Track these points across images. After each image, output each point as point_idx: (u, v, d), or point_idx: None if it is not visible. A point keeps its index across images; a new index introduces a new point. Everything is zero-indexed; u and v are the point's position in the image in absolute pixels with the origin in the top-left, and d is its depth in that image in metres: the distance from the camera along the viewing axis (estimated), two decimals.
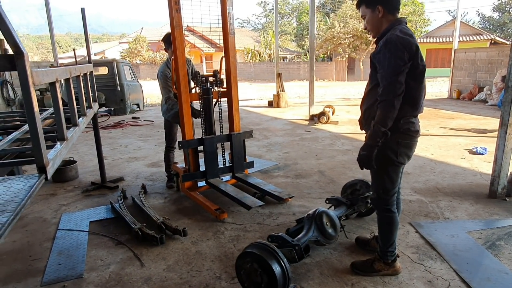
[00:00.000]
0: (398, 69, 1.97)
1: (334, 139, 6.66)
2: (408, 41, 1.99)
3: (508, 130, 3.39)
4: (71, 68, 2.81)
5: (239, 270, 2.17)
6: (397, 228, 2.33)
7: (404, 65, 1.98)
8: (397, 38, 1.99)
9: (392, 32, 2.04)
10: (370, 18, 2.19)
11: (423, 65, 2.07)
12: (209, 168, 3.80)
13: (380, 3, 2.12)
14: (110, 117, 10.08)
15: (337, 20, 26.87)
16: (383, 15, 2.14)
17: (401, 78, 1.98)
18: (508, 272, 2.37)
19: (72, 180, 4.65)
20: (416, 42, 2.03)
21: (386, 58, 2.00)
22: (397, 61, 1.97)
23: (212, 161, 3.81)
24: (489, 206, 3.43)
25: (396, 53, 1.97)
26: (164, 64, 4.01)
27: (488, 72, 11.72)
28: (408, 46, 1.98)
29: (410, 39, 2.00)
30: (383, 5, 2.12)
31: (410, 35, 2.03)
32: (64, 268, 2.58)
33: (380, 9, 2.13)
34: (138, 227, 2.98)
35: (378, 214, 2.38)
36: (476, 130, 7.06)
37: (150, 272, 2.52)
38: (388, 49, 2.00)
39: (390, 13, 2.14)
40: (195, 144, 3.77)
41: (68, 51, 52.81)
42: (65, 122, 2.37)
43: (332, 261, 2.57)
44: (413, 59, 2.01)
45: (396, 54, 1.97)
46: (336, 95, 15.72)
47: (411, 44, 1.99)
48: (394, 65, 1.98)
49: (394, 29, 2.06)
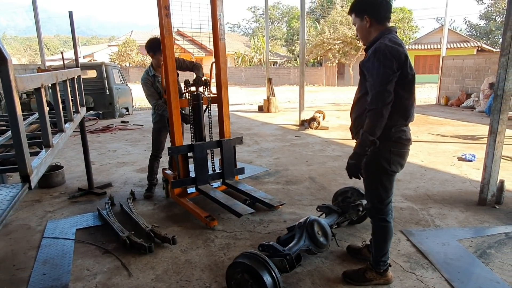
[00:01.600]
0: (386, 78, 1.96)
1: (324, 145, 6.66)
2: (397, 50, 1.98)
3: (497, 138, 3.42)
4: (57, 72, 2.74)
5: (230, 280, 2.13)
6: (391, 238, 2.32)
7: (393, 74, 1.97)
8: (386, 47, 1.98)
9: (381, 41, 2.03)
10: (359, 27, 2.20)
11: (413, 74, 2.06)
12: (199, 175, 3.75)
13: (367, 14, 2.12)
14: (98, 121, 9.95)
15: (327, 26, 27.10)
16: (370, 25, 2.13)
17: (389, 87, 1.97)
18: (500, 281, 2.37)
19: (59, 186, 4.55)
20: (405, 51, 2.02)
21: (375, 67, 1.99)
22: (386, 70, 1.96)
23: (202, 168, 3.76)
24: (479, 213, 3.45)
25: (385, 62, 1.96)
26: (145, 71, 3.98)
27: (476, 79, 11.91)
28: (396, 55, 1.97)
29: (399, 48, 1.99)
30: (370, 16, 2.12)
31: (399, 44, 2.02)
32: (49, 278, 2.50)
33: (368, 19, 2.12)
34: (126, 235, 2.91)
35: (372, 224, 2.35)
36: (465, 136, 7.14)
37: (138, 282, 2.46)
38: (377, 58, 1.98)
39: (379, 23, 2.13)
40: (185, 150, 3.72)
41: (57, 54, 52.10)
42: (50, 128, 2.30)
43: (324, 270, 2.54)
44: (402, 68, 2.00)
45: (385, 63, 1.96)
46: (326, 100, 15.80)
47: (400, 53, 1.98)
48: (383, 74, 1.96)
49: (383, 38, 2.05)
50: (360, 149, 2.06)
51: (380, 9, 2.10)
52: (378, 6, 2.10)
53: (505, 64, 3.23)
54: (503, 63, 3.24)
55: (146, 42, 3.93)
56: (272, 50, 36.28)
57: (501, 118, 3.36)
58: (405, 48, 2.05)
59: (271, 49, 34.92)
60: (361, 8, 2.15)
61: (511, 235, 3.00)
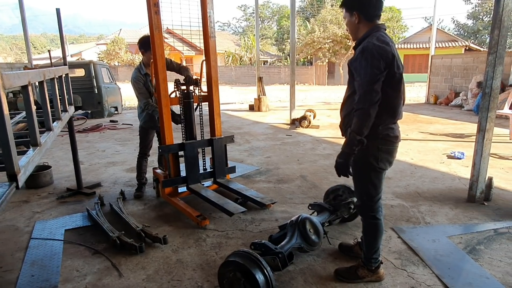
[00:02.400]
0: (374, 77, 1.95)
1: (315, 143, 6.68)
2: (384, 49, 1.97)
3: (486, 136, 3.47)
4: (45, 70, 2.69)
5: (222, 279, 2.11)
6: (382, 235, 2.32)
7: (380, 74, 1.96)
8: (374, 47, 1.97)
9: (369, 40, 2.02)
10: (348, 22, 2.19)
11: (400, 73, 2.05)
12: (190, 174, 3.72)
13: (357, 10, 2.11)
14: (87, 120, 9.82)
15: (317, 25, 27.19)
16: (359, 21, 2.12)
17: (377, 87, 1.96)
18: (489, 276, 2.40)
19: (47, 186, 4.47)
20: (392, 50, 2.00)
21: (363, 66, 1.98)
22: (373, 70, 1.95)
23: (193, 167, 3.73)
24: (468, 210, 3.49)
25: (372, 61, 1.95)
26: (136, 69, 3.89)
27: (464, 78, 12.06)
28: (384, 55, 1.96)
29: (387, 48, 1.98)
30: (359, 12, 2.10)
31: (387, 43, 2.01)
32: (37, 279, 2.45)
33: (357, 15, 2.11)
34: (116, 235, 2.88)
35: (363, 221, 2.36)
36: (454, 134, 7.22)
37: (128, 282, 2.42)
38: (364, 57, 1.98)
39: (368, 20, 2.11)
40: (176, 149, 3.69)
41: (43, 52, 51.34)
42: (38, 127, 2.26)
43: (316, 268, 2.54)
44: (389, 68, 1.99)
45: (373, 63, 1.95)
46: (317, 99, 15.85)
47: (387, 53, 1.97)
48: (371, 73, 1.95)
49: (371, 36, 2.04)
50: (348, 148, 2.06)
51: (369, 6, 2.09)
52: (368, 3, 2.09)
53: (493, 62, 3.27)
54: (491, 61, 3.28)
55: (139, 39, 3.88)
56: (263, 49, 36.26)
57: (489, 116, 3.40)
58: (393, 46, 2.04)
59: (261, 48, 34.91)
60: (351, 4, 2.14)
61: (499, 231, 3.04)
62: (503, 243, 2.83)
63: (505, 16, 3.17)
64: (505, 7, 3.15)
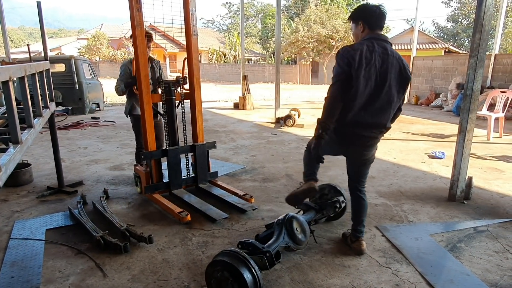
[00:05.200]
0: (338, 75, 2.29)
1: (300, 142, 6.72)
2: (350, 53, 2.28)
3: (466, 136, 3.56)
4: (26, 65, 2.61)
5: (209, 279, 2.10)
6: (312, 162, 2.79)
7: (343, 72, 2.27)
8: (343, 51, 2.32)
9: None
10: (354, 31, 2.52)
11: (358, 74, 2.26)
12: (173, 179, 3.74)
13: (362, 20, 2.43)
14: (67, 117, 9.60)
15: (301, 24, 27.33)
16: (363, 30, 2.43)
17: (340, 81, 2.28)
18: (470, 273, 2.46)
19: (26, 185, 4.35)
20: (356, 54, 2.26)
21: (335, 66, 2.35)
22: (338, 68, 2.30)
23: (176, 172, 3.75)
24: (449, 209, 3.58)
25: (339, 61, 2.31)
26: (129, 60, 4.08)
27: (444, 79, 12.34)
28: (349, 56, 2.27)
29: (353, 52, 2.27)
30: (363, 21, 2.42)
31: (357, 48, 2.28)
32: (17, 281, 2.38)
33: (362, 24, 2.43)
34: (100, 235, 2.82)
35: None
36: (434, 135, 7.39)
37: (113, 283, 2.38)
38: (336, 59, 2.35)
39: (370, 29, 2.41)
40: (158, 156, 3.70)
41: (21, 46, 49.83)
42: (19, 124, 2.19)
43: (303, 267, 2.56)
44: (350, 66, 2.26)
45: (339, 62, 2.31)
46: (301, 98, 15.94)
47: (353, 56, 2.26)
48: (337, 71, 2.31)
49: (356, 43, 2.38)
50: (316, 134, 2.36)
51: (373, 17, 2.40)
52: (372, 14, 2.40)
53: (474, 65, 3.36)
54: (472, 64, 3.37)
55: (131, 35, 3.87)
56: (247, 47, 36.25)
57: (470, 117, 3.49)
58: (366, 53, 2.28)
59: (246, 46, 34.87)
60: (357, 15, 2.46)
61: (479, 229, 3.13)
62: (482, 241, 2.92)
63: (486, 20, 3.26)
64: (486, 11, 3.24)
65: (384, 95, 2.35)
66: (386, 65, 2.31)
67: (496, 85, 10.15)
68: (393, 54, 2.37)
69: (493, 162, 5.29)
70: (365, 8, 2.44)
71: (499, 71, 10.32)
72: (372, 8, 2.40)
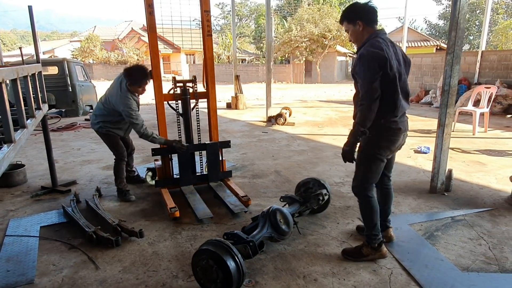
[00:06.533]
0: (372, 78, 2.27)
1: (290, 140, 6.85)
2: (377, 54, 2.28)
3: (445, 130, 3.70)
4: (18, 68, 2.72)
5: (195, 267, 2.22)
6: (377, 211, 2.57)
7: (377, 74, 2.27)
8: (368, 53, 2.30)
9: (365, 47, 2.35)
10: (353, 32, 2.50)
11: (393, 73, 2.34)
12: (182, 176, 3.89)
13: (360, 19, 2.43)
14: (61, 119, 9.66)
15: (294, 24, 27.48)
16: (363, 28, 2.44)
17: (375, 85, 2.28)
18: (444, 259, 2.60)
19: (20, 185, 4.44)
20: (385, 54, 2.29)
21: (362, 70, 2.31)
22: (371, 72, 2.28)
23: (184, 170, 3.88)
24: (430, 200, 3.72)
25: (369, 65, 2.28)
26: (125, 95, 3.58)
27: (433, 76, 12.54)
28: (377, 58, 2.28)
29: (380, 52, 2.29)
30: (362, 20, 2.43)
31: (381, 48, 2.30)
32: (13, 274, 2.49)
33: (360, 23, 2.44)
34: (92, 230, 2.93)
35: (359, 202, 2.63)
36: (422, 130, 7.55)
37: (105, 274, 2.50)
38: (362, 63, 2.31)
39: (369, 25, 2.44)
40: (166, 153, 3.86)
41: (14, 49, 49.63)
42: (12, 124, 2.30)
43: (286, 256, 2.69)
44: (383, 69, 2.29)
45: (369, 66, 2.28)
46: (294, 97, 16.08)
47: (379, 56, 2.28)
48: (369, 75, 2.28)
49: (368, 43, 2.37)
50: (352, 138, 2.38)
51: (369, 14, 2.44)
52: (367, 11, 2.44)
53: (451, 62, 3.51)
54: (449, 60, 3.52)
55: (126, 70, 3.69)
56: (240, 47, 36.37)
57: (448, 112, 3.64)
58: (387, 50, 2.32)
59: (239, 46, 35.01)
60: (353, 15, 2.47)
61: (456, 218, 3.28)
62: (458, 229, 3.06)
63: (461, 19, 3.41)
64: (461, 10, 3.39)
65: (403, 83, 2.47)
66: (398, 56, 2.45)
67: (483, 81, 10.35)
68: (395, 44, 2.53)
69: (477, 155, 5.46)
70: (359, 7, 2.48)
71: (486, 68, 10.52)
72: (365, 6, 2.48)
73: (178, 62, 36.48)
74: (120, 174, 3.92)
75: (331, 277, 2.42)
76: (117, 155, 3.91)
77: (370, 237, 2.59)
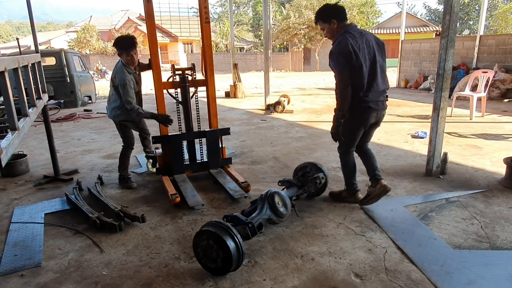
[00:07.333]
0: (341, 70, 2.77)
1: (289, 127, 6.91)
2: (343, 49, 2.74)
3: (440, 114, 3.76)
4: (19, 57, 2.76)
5: (196, 248, 2.30)
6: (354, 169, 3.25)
7: (344, 66, 2.75)
8: (336, 50, 2.78)
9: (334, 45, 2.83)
10: (329, 29, 2.92)
11: (359, 63, 2.78)
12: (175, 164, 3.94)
13: (334, 17, 2.86)
14: (60, 110, 9.70)
15: (292, 11, 27.26)
16: (337, 25, 2.88)
17: (345, 75, 2.77)
18: (437, 238, 2.69)
19: (23, 174, 4.52)
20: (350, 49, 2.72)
21: (333, 65, 2.81)
22: (339, 65, 2.77)
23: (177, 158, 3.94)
24: (425, 183, 3.80)
25: (338, 60, 2.77)
26: (121, 69, 3.66)
27: (432, 62, 12.52)
28: (343, 53, 2.74)
29: (345, 48, 2.73)
30: (336, 18, 2.87)
31: (346, 44, 2.74)
32: (20, 258, 2.58)
33: (334, 21, 2.87)
34: (95, 216, 3.02)
35: (341, 161, 3.28)
36: (419, 116, 7.61)
37: (110, 257, 2.59)
38: (332, 58, 2.81)
39: (341, 22, 2.88)
40: (163, 142, 3.90)
41: (9, 41, 49.30)
42: (15, 112, 2.35)
43: (284, 237, 2.77)
44: (349, 61, 2.74)
45: (338, 60, 2.76)
46: (293, 85, 16.09)
47: (345, 51, 2.73)
48: (339, 68, 2.77)
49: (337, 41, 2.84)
50: (336, 122, 2.92)
51: (340, 12, 2.89)
52: (339, 10, 2.90)
53: (445, 46, 3.55)
54: (444, 44, 3.56)
55: (114, 41, 3.77)
56: (238, 35, 36.08)
57: (443, 95, 3.69)
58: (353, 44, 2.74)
59: (237, 34, 34.70)
60: (328, 15, 2.89)
61: (450, 200, 3.36)
62: (452, 210, 3.14)
63: (455, 2, 3.43)
64: None
65: (378, 66, 2.88)
66: (368, 43, 2.83)
67: (481, 66, 10.35)
68: (365, 31, 2.93)
69: (473, 140, 5.52)
70: (332, 8, 2.91)
71: (484, 52, 10.52)
72: (336, 5, 2.92)
73: (175, 51, 36.29)
74: (124, 161, 4.02)
75: (328, 256, 2.50)
76: (125, 143, 4.02)
77: (348, 185, 3.29)
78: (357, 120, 2.96)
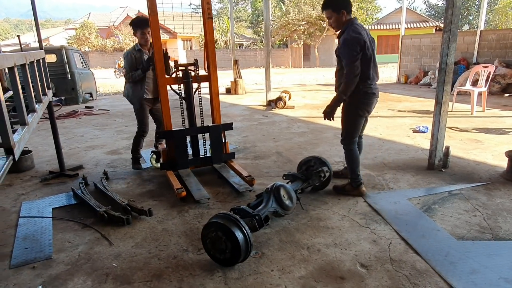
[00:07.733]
0: (354, 58, 2.92)
1: (290, 122, 6.94)
2: (358, 38, 2.92)
3: (442, 108, 3.79)
4: (25, 53, 2.79)
5: (205, 239, 2.35)
6: (357, 160, 3.33)
7: (358, 55, 2.92)
8: (351, 38, 2.92)
9: (348, 32, 2.95)
10: (336, 19, 3.06)
11: (370, 53, 3.01)
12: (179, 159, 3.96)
13: (344, 8, 3.01)
14: (61, 107, 9.71)
15: (292, 7, 27.21)
16: (345, 16, 3.03)
17: (357, 64, 2.93)
18: (440, 229, 2.73)
19: (29, 170, 4.55)
20: (364, 38, 2.93)
21: (346, 52, 2.95)
22: (353, 53, 2.91)
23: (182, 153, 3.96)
24: (428, 176, 3.84)
25: (352, 48, 2.91)
26: (131, 47, 4.14)
27: (432, 57, 12.54)
28: (358, 42, 2.91)
29: (360, 37, 2.92)
30: (345, 9, 3.02)
31: (360, 33, 2.93)
32: (31, 251, 2.62)
33: (344, 12, 3.02)
34: (103, 210, 3.06)
35: (344, 150, 3.37)
36: (420, 111, 7.64)
37: (119, 249, 2.63)
38: (346, 45, 2.94)
39: (348, 13, 3.04)
40: (166, 137, 3.95)
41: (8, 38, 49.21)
42: (25, 107, 2.38)
43: (290, 230, 2.82)
44: (363, 50, 2.93)
45: (352, 48, 2.91)
46: (293, 82, 16.10)
47: (360, 40, 2.92)
48: (352, 56, 2.92)
49: (349, 29, 2.97)
50: (335, 103, 3.12)
51: (349, 4, 3.06)
52: (348, 2, 3.06)
53: (448, 40, 3.57)
54: (446, 39, 3.58)
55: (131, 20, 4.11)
56: (238, 32, 36.02)
57: (445, 90, 3.72)
58: (364, 34, 2.96)
59: (236, 31, 34.63)
60: (339, 5, 3.01)
61: (453, 192, 3.40)
62: (455, 202, 3.19)
63: None
64: None
65: (374, 58, 3.10)
66: (368, 37, 3.03)
67: (482, 61, 10.37)
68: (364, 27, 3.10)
69: (474, 134, 5.56)
70: None
71: (485, 47, 10.53)
72: None
73: (175, 48, 36.17)
74: (136, 145, 4.37)
75: (334, 248, 2.55)
76: (140, 128, 4.29)
77: (352, 178, 3.34)
78: (364, 106, 3.16)
